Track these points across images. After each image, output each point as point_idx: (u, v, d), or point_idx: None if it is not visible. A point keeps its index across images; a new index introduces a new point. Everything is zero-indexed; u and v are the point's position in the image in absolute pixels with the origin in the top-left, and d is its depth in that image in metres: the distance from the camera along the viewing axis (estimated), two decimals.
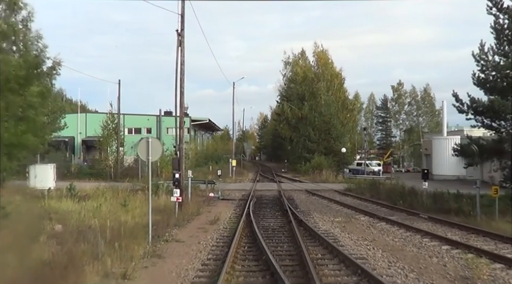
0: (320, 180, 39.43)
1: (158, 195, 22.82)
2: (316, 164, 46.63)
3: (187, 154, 53.70)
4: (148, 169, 13.92)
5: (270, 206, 22.51)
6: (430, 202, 21.24)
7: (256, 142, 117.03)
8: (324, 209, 21.57)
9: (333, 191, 30.57)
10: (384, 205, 22.55)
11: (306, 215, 19.22)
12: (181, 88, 20.15)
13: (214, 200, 25.06)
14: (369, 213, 19.53)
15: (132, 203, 20.93)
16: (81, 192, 25.01)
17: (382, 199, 25.06)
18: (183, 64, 20.16)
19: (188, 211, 19.23)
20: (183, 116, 20.28)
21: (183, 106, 20.24)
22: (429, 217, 18.27)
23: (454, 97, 19.36)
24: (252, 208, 20.57)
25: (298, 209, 21.29)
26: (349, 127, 60.35)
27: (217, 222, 17.04)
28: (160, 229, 15.00)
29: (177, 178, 18.17)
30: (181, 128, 20.27)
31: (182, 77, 20.14)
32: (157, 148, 13.46)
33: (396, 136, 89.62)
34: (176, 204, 18.14)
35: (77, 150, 60.47)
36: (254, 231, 14.69)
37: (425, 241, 13.77)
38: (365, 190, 28.90)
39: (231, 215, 19.30)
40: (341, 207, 22.15)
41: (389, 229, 15.86)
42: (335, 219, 18.26)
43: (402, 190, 23.82)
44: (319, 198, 26.57)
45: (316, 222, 17.49)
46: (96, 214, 17.93)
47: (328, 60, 62.75)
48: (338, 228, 16.05)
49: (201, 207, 21.14)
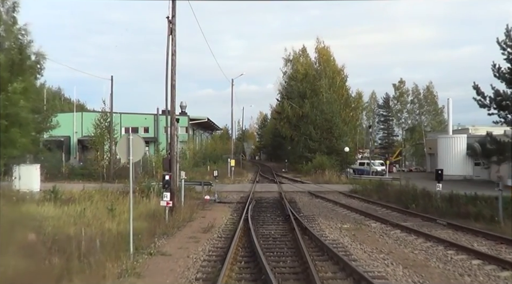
0: (323, 181, 37.56)
1: (150, 197, 21.05)
2: (318, 164, 44.80)
3: (184, 154, 52.07)
4: (130, 171, 12.03)
5: (271, 210, 20.65)
6: (445, 205, 19.41)
7: (256, 141, 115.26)
8: (329, 214, 19.70)
9: (337, 193, 28.71)
10: (395, 209, 20.68)
11: (310, 221, 17.36)
12: (173, 81, 18.29)
13: (210, 203, 23.23)
14: (380, 219, 17.65)
15: (120, 206, 19.11)
16: (67, 195, 23.30)
17: (391, 202, 23.22)
18: (175, 54, 18.32)
19: (179, 216, 17.38)
20: (174, 112, 18.42)
21: (174, 101, 18.39)
22: (448, 223, 16.40)
23: (475, 89, 17.45)
24: (251, 213, 18.72)
25: (301, 214, 19.43)
26: (352, 126, 58.45)
27: (212, 229, 15.17)
28: (145, 238, 13.16)
29: (167, 180, 16.27)
30: (173, 125, 18.41)
31: (173, 69, 18.29)
32: (138, 147, 11.60)
33: (398, 135, 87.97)
34: (167, 209, 16.30)
35: (73, 150, 58.67)
36: (252, 241, 12.84)
37: (451, 253, 11.90)
38: (371, 192, 27.03)
39: (227, 221, 17.44)
40: (348, 212, 20.28)
41: (406, 239, 13.99)
42: (343, 226, 16.40)
43: (414, 193, 21.90)
44: (323, 201, 24.70)
45: (322, 229, 15.62)
46: (78, 221, 16.18)
47: (330, 56, 60.92)
48: (347, 237, 14.19)
49: (195, 211, 19.28)
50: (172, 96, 18.31)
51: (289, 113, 58.52)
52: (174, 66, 18.29)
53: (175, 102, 18.34)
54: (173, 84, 18.26)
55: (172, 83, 18.29)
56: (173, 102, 18.31)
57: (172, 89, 18.28)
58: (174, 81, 18.28)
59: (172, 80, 18.28)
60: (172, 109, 18.34)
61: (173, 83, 18.27)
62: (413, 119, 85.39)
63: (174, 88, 18.28)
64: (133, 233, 14.03)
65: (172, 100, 18.32)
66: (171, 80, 18.30)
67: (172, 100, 18.33)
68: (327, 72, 57.66)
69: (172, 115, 18.36)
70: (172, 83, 18.27)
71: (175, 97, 18.33)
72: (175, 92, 18.32)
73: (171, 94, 18.31)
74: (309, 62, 62.86)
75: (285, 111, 59.48)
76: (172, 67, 18.31)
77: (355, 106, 60.22)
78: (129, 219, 11.74)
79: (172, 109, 18.34)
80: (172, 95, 18.31)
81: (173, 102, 18.32)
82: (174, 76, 18.27)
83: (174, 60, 18.29)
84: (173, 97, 18.31)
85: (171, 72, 18.30)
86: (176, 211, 17.92)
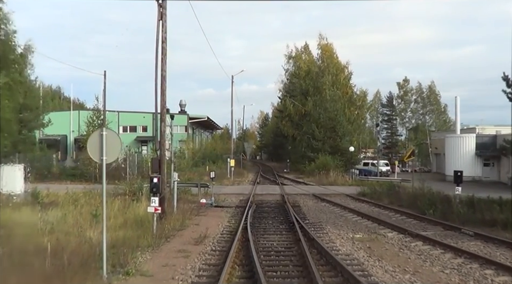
0: (328, 182, 35.48)
1: (141, 201, 19.12)
2: (322, 164, 42.75)
3: (182, 153, 50.11)
4: (102, 173, 10.05)
5: (272, 216, 18.61)
6: (466, 211, 17.40)
7: (256, 141, 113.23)
8: (338, 220, 17.66)
9: (344, 196, 26.67)
10: (410, 215, 18.64)
11: (317, 230, 15.35)
12: (163, 71, 16.27)
13: (206, 207, 21.24)
14: (396, 227, 15.61)
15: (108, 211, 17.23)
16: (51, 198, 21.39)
17: (405, 206, 21.20)
18: (165, 42, 16.30)
19: (170, 223, 15.39)
20: (165, 106, 16.39)
21: (165, 94, 16.34)
22: (475, 233, 14.38)
23: (505, 81, 15.44)
24: (250, 220, 16.73)
25: (306, 220, 17.40)
26: (357, 125, 56.33)
27: (205, 241, 13.17)
28: (126, 253, 11.18)
29: (155, 183, 14.27)
30: (163, 122, 16.39)
31: (163, 58, 16.28)
32: (114, 145, 9.62)
33: (401, 134, 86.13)
34: (154, 217, 14.31)
35: (69, 149, 56.78)
36: (251, 256, 10.85)
37: (490, 274, 9.88)
38: (381, 195, 24.99)
39: (223, 229, 15.42)
40: (359, 218, 18.23)
41: (431, 253, 11.96)
42: (355, 236, 14.39)
43: (431, 196, 19.82)
44: (330, 205, 22.65)
45: (332, 240, 13.61)
46: (57, 228, 14.26)
47: (333, 53, 58.75)
48: (362, 250, 12.18)
49: (189, 217, 17.27)
50: (162, 88, 16.30)
51: (292, 112, 56.45)
52: (165, 55, 16.28)
53: (165, 96, 16.32)
54: (163, 74, 16.25)
55: (162, 73, 16.28)
56: (163, 95, 16.29)
57: (162, 80, 16.27)
58: (164, 72, 16.27)
59: (162, 70, 16.27)
60: (162, 103, 16.32)
61: (163, 73, 16.26)
62: (417, 118, 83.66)
63: (164, 79, 16.26)
64: (113, 245, 12.14)
65: (162, 93, 16.30)
66: (161, 70, 16.29)
67: (162, 93, 16.31)
68: (330, 69, 55.53)
69: (162, 110, 16.35)
70: (162, 73, 16.27)
71: (165, 90, 16.31)
72: (165, 84, 16.31)
73: (161, 86, 16.31)
74: (312, 59, 60.75)
75: (287, 109, 57.40)
76: (162, 56, 16.30)
77: (360, 104, 57.99)
78: (102, 232, 9.72)
79: (162, 103, 16.32)
80: (162, 88, 16.30)
81: (163, 95, 16.30)
82: (164, 66, 16.25)
83: (164, 48, 16.29)
84: (163, 90, 16.29)
85: (161, 62, 16.29)
86: (166, 218, 15.96)
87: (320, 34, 59.91)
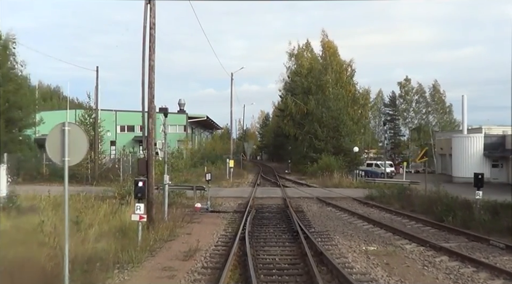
0: (332, 184, 33.59)
1: (130, 205, 17.31)
2: (325, 165, 40.89)
3: (180, 153, 48.31)
4: (65, 178, 8.25)
5: (274, 223, 16.75)
6: (489, 218, 15.59)
7: (257, 141, 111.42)
8: (347, 229, 15.80)
9: (351, 199, 24.81)
10: (427, 222, 16.78)
11: (325, 240, 13.53)
12: (151, 61, 14.45)
13: (202, 212, 19.44)
14: (414, 237, 13.76)
15: (92, 216, 15.52)
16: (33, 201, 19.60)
17: (418, 212, 19.38)
18: (154, 28, 14.49)
19: (158, 233, 13.57)
20: (153, 100, 14.55)
21: (153, 87, 14.50)
22: (506, 246, 12.55)
23: None
24: (249, 228, 14.91)
25: (312, 229, 15.57)
26: (361, 124, 54.42)
27: (196, 254, 11.34)
28: (100, 271, 9.39)
29: (140, 187, 12.49)
30: (151, 118, 14.57)
31: (152, 46, 14.46)
32: (79, 143, 7.80)
33: (404, 135, 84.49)
34: (140, 226, 12.51)
35: None
36: (249, 276, 9.05)
37: None
38: (391, 198, 23.15)
39: (218, 240, 13.59)
40: (370, 226, 16.37)
41: (461, 271, 10.12)
42: (369, 248, 12.57)
43: (449, 202, 17.94)
44: (336, 210, 20.79)
45: (343, 254, 11.77)
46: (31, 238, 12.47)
47: (336, 50, 56.87)
48: (380, 268, 10.34)
49: (180, 225, 15.45)
50: (150, 80, 14.47)
51: (293, 111, 54.56)
52: (153, 43, 14.46)
53: (153, 89, 14.48)
54: (151, 64, 14.43)
55: (150, 63, 14.46)
56: (151, 88, 14.46)
57: (150, 71, 14.45)
58: (152, 62, 14.45)
59: (150, 60, 14.45)
60: (149, 97, 14.49)
61: (151, 63, 14.44)
62: (419, 118, 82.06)
63: (152, 70, 14.44)
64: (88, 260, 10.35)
65: (150, 86, 14.48)
66: (149, 60, 14.47)
67: (149, 86, 14.49)
68: (333, 66, 53.66)
69: (150, 104, 14.53)
70: (150, 63, 14.44)
71: (153, 83, 14.47)
72: (153, 75, 14.48)
73: (149, 78, 14.49)
74: (314, 57, 58.88)
75: (289, 108, 55.51)
76: (150, 44, 14.49)
77: (363, 103, 56.06)
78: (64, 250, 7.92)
79: (149, 96, 14.49)
80: (150, 80, 14.47)
81: (150, 88, 14.47)
82: (152, 55, 14.43)
83: (152, 35, 14.47)
84: (151, 82, 14.46)
85: (149, 51, 14.48)
86: (154, 226, 14.14)
87: (323, 31, 58.15)
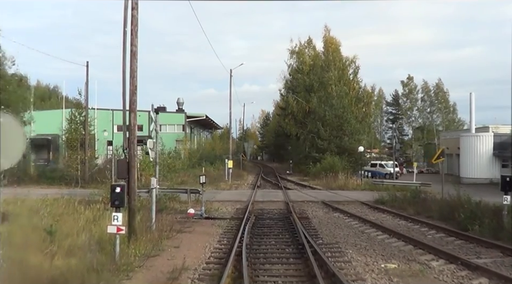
0: (337, 186, 31.57)
1: None
2: (329, 166, 38.89)
3: (178, 154, 46.34)
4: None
5: (276, 233, 14.72)
6: None
7: (258, 141, 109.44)
8: (359, 239, 13.78)
9: (359, 203, 22.80)
10: (450, 232, 14.70)
11: (336, 256, 11.51)
12: (132, 46, 12.46)
13: (195, 219, 17.46)
14: (440, 252, 11.70)
15: (70, 225, 13.60)
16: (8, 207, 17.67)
17: (436, 218, 17.39)
18: (136, 8, 12.50)
19: (140, 247, 11.59)
20: (135, 92, 12.54)
21: (135, 76, 12.49)
22: None
23: None
24: (247, 240, 12.90)
25: (319, 240, 13.55)
26: (365, 123, 52.37)
27: (181, 277, 9.35)
28: None
29: (117, 194, 10.49)
30: (132, 112, 12.56)
31: (133, 29, 12.47)
32: (13, 140, 5.80)
33: (407, 134, 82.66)
34: (117, 239, 10.53)
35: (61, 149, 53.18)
36: None
37: None
38: (404, 202, 21.14)
39: (210, 255, 11.57)
40: (385, 236, 14.33)
41: None
42: (389, 265, 10.55)
43: (474, 208, 15.87)
44: (345, 216, 18.76)
45: (359, 274, 9.75)
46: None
47: (339, 46, 54.83)
48: None
49: (168, 236, 13.46)
50: (132, 69, 12.47)
51: (295, 109, 52.53)
52: (135, 26, 12.47)
53: (136, 79, 12.47)
54: (133, 50, 12.43)
55: (132, 49, 12.47)
56: (133, 78, 12.45)
57: (132, 58, 12.45)
58: (135, 47, 12.45)
59: (132, 45, 12.45)
60: (131, 88, 12.49)
61: (133, 49, 12.44)
62: (423, 117, 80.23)
63: (134, 56, 12.44)
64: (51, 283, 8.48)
65: (132, 75, 12.47)
66: (131, 45, 12.48)
67: (131, 75, 12.48)
68: (336, 63, 51.61)
69: (132, 97, 12.52)
70: (132, 49, 12.45)
71: (135, 72, 12.46)
72: (136, 62, 12.48)
73: (131, 65, 12.48)
74: (316, 53, 56.87)
75: (290, 106, 53.48)
76: (132, 27, 12.50)
77: (367, 101, 54.00)
78: None
79: (131, 88, 12.49)
80: (132, 68, 12.47)
81: (133, 78, 12.46)
82: (134, 40, 12.44)
83: (135, 16, 12.48)
84: (133, 71, 12.46)
85: (131, 35, 12.49)
86: (137, 238, 12.16)
87: (326, 26, 56.14)
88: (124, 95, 12.52)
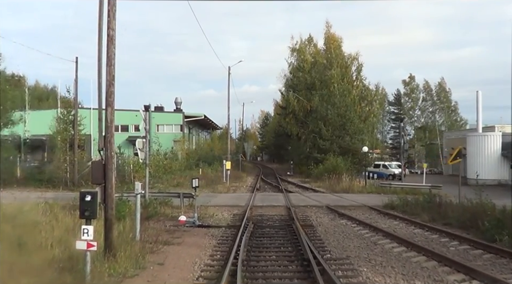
0: (341, 189, 29.76)
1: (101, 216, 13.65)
2: (331, 167, 37.13)
3: (175, 154, 44.60)
4: None
5: (277, 245, 12.89)
6: None
7: (257, 141, 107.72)
8: (372, 253, 11.97)
9: (367, 208, 21.01)
10: (475, 243, 12.87)
11: (348, 275, 9.71)
12: (109, 30, 10.66)
13: (187, 227, 15.71)
14: (471, 270, 9.87)
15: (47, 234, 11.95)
16: None
17: (454, 226, 15.66)
18: None
19: (118, 263, 9.83)
20: (112, 82, 10.74)
21: (113, 64, 10.70)
22: None
23: None
24: (244, 254, 11.14)
25: (327, 254, 11.75)
26: (369, 122, 50.60)
27: None
28: None
29: (87, 202, 8.73)
30: (109, 106, 10.76)
31: (111, 9, 10.69)
32: None
33: (410, 134, 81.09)
34: (88, 257, 8.77)
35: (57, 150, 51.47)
36: None
37: None
38: (416, 207, 19.37)
39: (200, 274, 9.76)
40: (402, 248, 12.52)
41: None
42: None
43: (501, 215, 14.06)
44: (353, 224, 16.94)
45: None
46: None
47: (341, 43, 53.11)
48: None
49: (152, 249, 11.67)
50: (109, 55, 10.68)
51: (295, 108, 50.78)
52: (113, 6, 10.68)
53: (113, 67, 10.69)
54: (110, 34, 10.65)
55: (108, 33, 10.68)
56: (110, 65, 10.67)
57: (109, 43, 10.67)
58: (112, 31, 10.66)
59: (109, 29, 10.66)
60: (108, 78, 10.70)
61: (110, 33, 10.65)
62: (426, 117, 78.75)
63: (112, 41, 10.66)
64: None
65: (109, 63, 10.68)
66: (107, 29, 10.69)
67: (108, 63, 10.69)
68: (338, 60, 49.87)
69: (109, 88, 10.72)
70: (109, 33, 10.66)
71: (113, 59, 10.67)
72: (113, 48, 10.69)
73: (107, 52, 10.69)
74: (318, 50, 55.13)
75: (291, 105, 51.72)
76: (109, 7, 10.72)
77: (370, 99, 52.25)
78: None
79: (108, 77, 10.70)
80: (109, 54, 10.68)
81: (110, 66, 10.68)
82: (111, 22, 10.65)
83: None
84: (110, 58, 10.67)
85: (107, 16, 10.71)
86: (116, 252, 10.38)
87: (327, 23, 54.41)
88: (99, 87, 10.74)
